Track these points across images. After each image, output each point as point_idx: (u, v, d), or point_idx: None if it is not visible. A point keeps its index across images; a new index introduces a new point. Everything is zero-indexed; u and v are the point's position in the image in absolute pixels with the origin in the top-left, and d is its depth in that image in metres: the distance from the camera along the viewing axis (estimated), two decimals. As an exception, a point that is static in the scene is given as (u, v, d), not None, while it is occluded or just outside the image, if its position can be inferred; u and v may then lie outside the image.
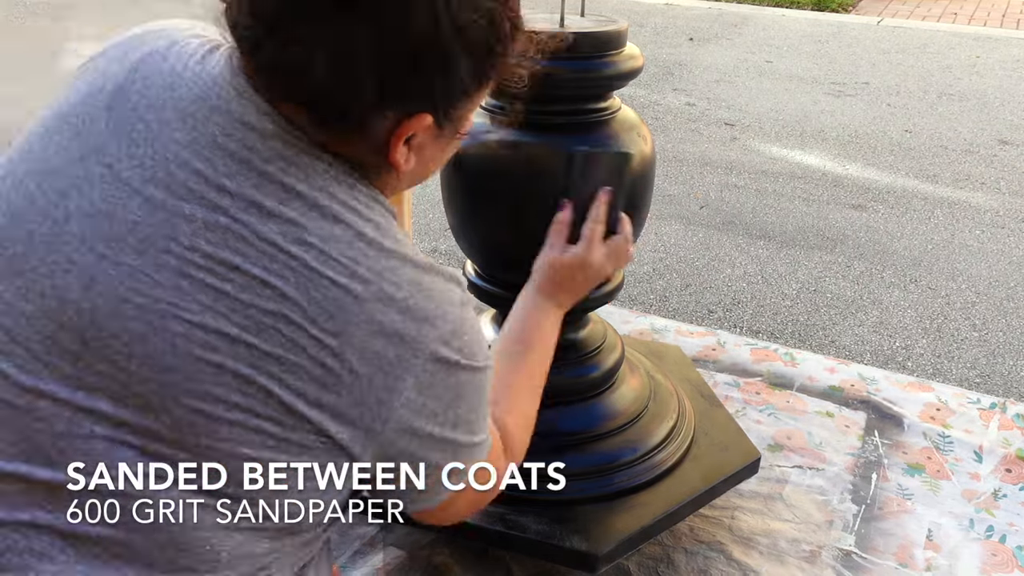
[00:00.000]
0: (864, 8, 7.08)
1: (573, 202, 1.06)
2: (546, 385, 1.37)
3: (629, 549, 1.30)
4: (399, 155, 0.68)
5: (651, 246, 2.83)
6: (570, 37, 1.09)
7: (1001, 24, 6.64)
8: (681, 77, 4.93)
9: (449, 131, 0.71)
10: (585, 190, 1.06)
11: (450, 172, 1.26)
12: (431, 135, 0.69)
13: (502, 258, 1.30)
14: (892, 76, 5.07)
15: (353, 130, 0.66)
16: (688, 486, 1.35)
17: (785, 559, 1.46)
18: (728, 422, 1.49)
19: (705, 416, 1.50)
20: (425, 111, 0.66)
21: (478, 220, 1.28)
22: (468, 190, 1.26)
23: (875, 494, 1.62)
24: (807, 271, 2.70)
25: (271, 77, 0.64)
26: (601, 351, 1.39)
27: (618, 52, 1.18)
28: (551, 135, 1.20)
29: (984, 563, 1.47)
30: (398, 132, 0.66)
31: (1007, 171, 3.64)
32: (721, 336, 2.13)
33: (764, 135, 4.00)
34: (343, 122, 0.65)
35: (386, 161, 0.68)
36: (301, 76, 0.62)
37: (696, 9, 6.92)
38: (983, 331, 2.38)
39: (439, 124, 0.68)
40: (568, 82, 1.17)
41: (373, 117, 0.65)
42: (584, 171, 1.06)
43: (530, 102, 1.20)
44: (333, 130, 0.66)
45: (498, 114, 1.23)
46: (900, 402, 1.89)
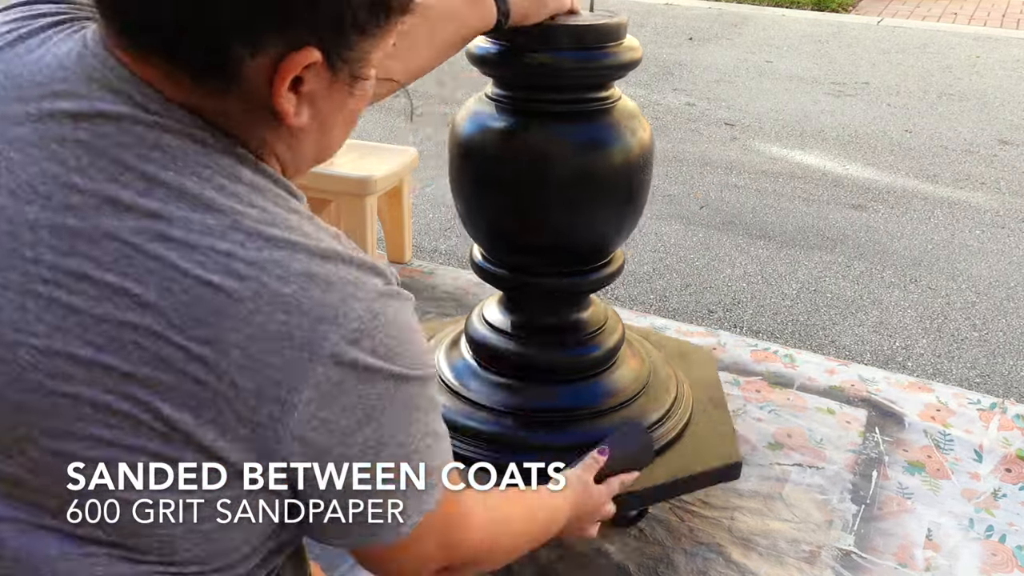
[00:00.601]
0: (864, 8, 7.08)
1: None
2: (550, 362, 1.41)
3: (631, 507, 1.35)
4: (285, 101, 0.56)
5: (651, 246, 2.83)
6: None
7: (1001, 24, 6.64)
8: (681, 77, 4.93)
9: (346, 76, 0.59)
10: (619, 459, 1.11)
11: (458, 160, 1.31)
12: (324, 80, 0.58)
13: (506, 241, 1.36)
14: (892, 76, 5.07)
15: (225, 78, 0.55)
16: (666, 471, 1.37)
17: (784, 560, 1.46)
18: (724, 424, 1.50)
19: (704, 413, 1.51)
20: (309, 44, 0.55)
21: (484, 205, 1.32)
22: (474, 177, 1.31)
23: (875, 493, 1.62)
24: (807, 271, 2.70)
25: (122, 27, 0.55)
26: (603, 332, 1.44)
27: (618, 44, 1.23)
28: (554, 123, 1.26)
29: (984, 563, 1.47)
30: (280, 72, 0.55)
31: (1007, 171, 3.64)
32: (721, 337, 2.13)
33: (764, 135, 4.00)
34: (209, 70, 0.54)
35: (274, 117, 0.57)
36: (152, 14, 0.53)
37: (696, 9, 6.91)
38: (983, 331, 2.38)
39: (331, 64, 0.57)
40: (571, 71, 1.22)
41: (244, 56, 0.54)
42: (630, 443, 1.15)
43: (534, 91, 1.26)
44: (202, 85, 0.55)
45: (503, 103, 1.27)
46: (900, 402, 1.89)
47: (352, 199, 2.17)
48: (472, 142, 1.28)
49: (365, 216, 2.18)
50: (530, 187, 1.26)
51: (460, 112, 1.34)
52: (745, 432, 1.76)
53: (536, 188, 1.25)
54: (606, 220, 1.30)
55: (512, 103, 1.27)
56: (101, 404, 0.52)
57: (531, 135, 1.25)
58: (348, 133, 0.66)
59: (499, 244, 1.37)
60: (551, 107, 1.25)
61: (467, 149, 1.29)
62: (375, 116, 4.16)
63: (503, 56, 1.22)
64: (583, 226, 1.29)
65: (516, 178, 1.26)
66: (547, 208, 1.26)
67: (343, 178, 2.16)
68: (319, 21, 0.54)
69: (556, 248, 1.33)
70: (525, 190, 1.26)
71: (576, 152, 1.25)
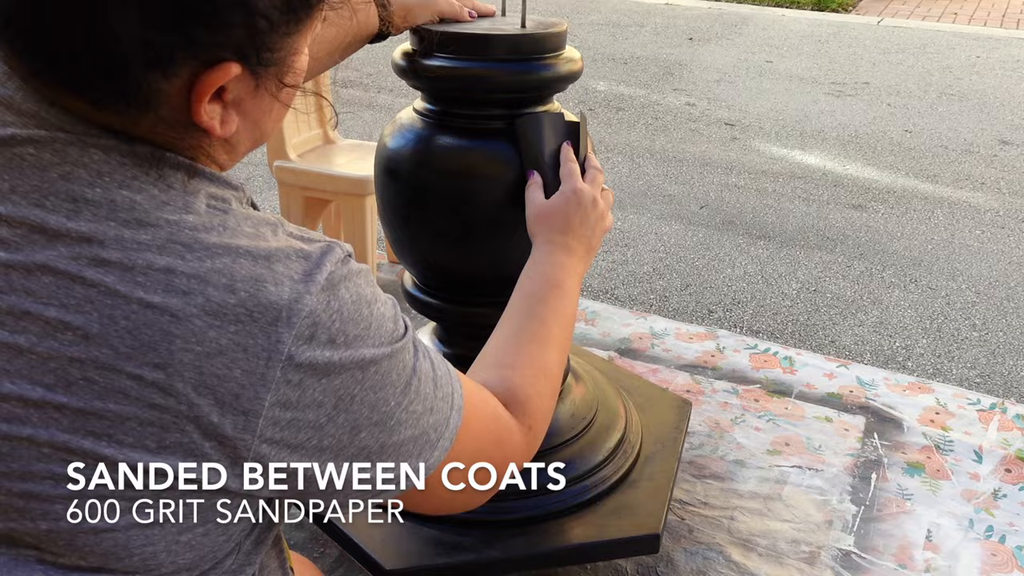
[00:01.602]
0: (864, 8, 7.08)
1: (537, 167, 1.04)
2: None
3: None
4: (207, 116, 0.54)
5: (651, 246, 2.83)
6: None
7: (1001, 24, 6.64)
8: (681, 77, 4.93)
9: (271, 75, 0.56)
10: (545, 151, 1.05)
11: (383, 178, 1.19)
12: (248, 85, 0.55)
13: (438, 268, 1.23)
14: (892, 76, 5.07)
15: (143, 102, 0.52)
16: (581, 533, 1.24)
17: (784, 560, 1.46)
18: (663, 481, 1.37)
19: (648, 461, 1.40)
20: (224, 59, 0.52)
21: (412, 228, 1.20)
22: (401, 198, 1.18)
23: (874, 494, 1.62)
24: (807, 271, 2.70)
25: (29, 53, 0.51)
26: None
27: (557, 55, 1.13)
28: (489, 140, 1.14)
29: (984, 563, 1.47)
30: (197, 91, 0.52)
31: (1007, 171, 3.64)
32: (721, 340, 2.13)
33: (764, 135, 4.00)
34: (125, 97, 0.52)
35: (196, 128, 0.55)
36: (53, 43, 0.50)
37: (696, 9, 6.91)
38: (983, 331, 2.38)
39: (252, 71, 0.54)
40: (505, 85, 1.12)
41: (157, 80, 0.51)
42: (540, 131, 1.05)
43: (465, 105, 1.14)
44: (121, 110, 0.53)
45: (432, 119, 1.17)
46: (899, 407, 1.89)
47: (352, 199, 2.17)
48: (399, 159, 1.15)
49: (365, 216, 2.18)
50: (461, 209, 1.13)
51: (388, 126, 1.22)
52: (743, 441, 1.76)
53: (468, 210, 1.13)
54: None
55: (441, 118, 1.15)
56: (59, 444, 0.51)
57: (462, 153, 1.13)
58: (283, 116, 0.62)
59: (431, 272, 1.25)
60: (485, 123, 1.14)
61: (394, 167, 1.16)
62: (376, 116, 4.16)
63: (430, 67, 1.10)
64: (521, 250, 1.13)
65: (445, 199, 1.13)
66: (480, 232, 1.14)
67: (343, 178, 2.16)
68: (229, 36, 0.52)
69: (492, 275, 1.20)
70: (455, 212, 1.13)
71: (511, 171, 1.11)
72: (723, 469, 1.67)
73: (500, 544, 1.20)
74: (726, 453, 1.71)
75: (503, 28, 1.11)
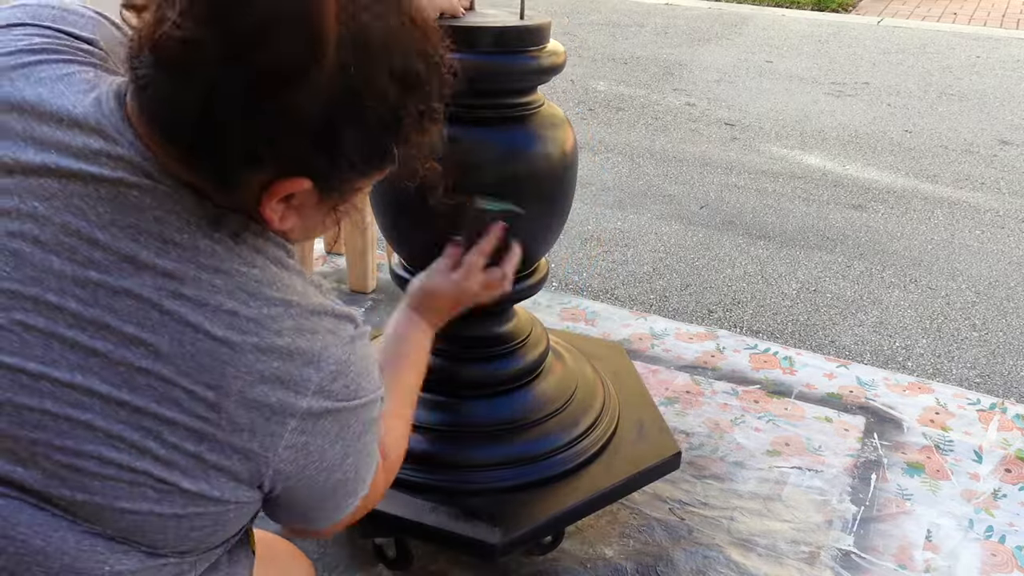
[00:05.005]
0: (864, 8, 7.08)
1: (466, 235, 1.14)
2: (474, 377, 1.39)
3: (534, 538, 1.32)
4: (270, 211, 0.65)
5: (651, 246, 2.83)
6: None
7: (1001, 24, 6.64)
8: (681, 77, 4.93)
9: (335, 197, 0.68)
10: (476, 228, 1.14)
11: None
12: (313, 198, 0.66)
13: (430, 253, 1.27)
14: (892, 76, 5.07)
15: (226, 184, 0.63)
16: (605, 478, 1.36)
17: (784, 560, 1.46)
18: (655, 421, 1.50)
19: (634, 411, 1.51)
20: (302, 175, 0.63)
21: (406, 215, 1.27)
22: (392, 185, 1.24)
23: (874, 495, 1.62)
24: (807, 271, 2.69)
25: (152, 116, 0.62)
26: (527, 344, 1.41)
27: (540, 48, 1.20)
28: (473, 129, 1.20)
29: (984, 563, 1.47)
30: (272, 190, 0.63)
31: (1007, 171, 3.64)
32: (720, 340, 2.13)
33: (764, 135, 4.00)
34: (214, 175, 0.63)
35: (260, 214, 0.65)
36: (177, 118, 0.60)
37: (696, 9, 6.91)
38: (983, 331, 2.38)
39: (320, 190, 0.65)
40: (490, 76, 1.17)
41: (243, 171, 0.62)
42: (476, 221, 1.15)
43: (453, 95, 1.19)
44: (207, 181, 0.64)
45: None
46: (899, 407, 1.89)
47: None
48: None
49: (365, 216, 2.17)
50: (446, 195, 1.18)
51: None
52: (743, 441, 1.76)
53: (452, 196, 1.17)
54: (529, 230, 1.24)
55: None
56: (114, 433, 0.61)
57: (451, 142, 1.17)
58: (328, 232, 0.77)
59: (421, 254, 1.28)
60: (469, 112, 1.19)
61: None
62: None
63: None
64: (505, 236, 1.21)
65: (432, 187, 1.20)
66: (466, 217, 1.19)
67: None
68: (315, 161, 0.62)
69: None
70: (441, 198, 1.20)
71: (496, 160, 1.20)
72: (723, 469, 1.67)
73: (565, 483, 1.34)
74: (726, 454, 1.71)
75: (488, 21, 1.17)
